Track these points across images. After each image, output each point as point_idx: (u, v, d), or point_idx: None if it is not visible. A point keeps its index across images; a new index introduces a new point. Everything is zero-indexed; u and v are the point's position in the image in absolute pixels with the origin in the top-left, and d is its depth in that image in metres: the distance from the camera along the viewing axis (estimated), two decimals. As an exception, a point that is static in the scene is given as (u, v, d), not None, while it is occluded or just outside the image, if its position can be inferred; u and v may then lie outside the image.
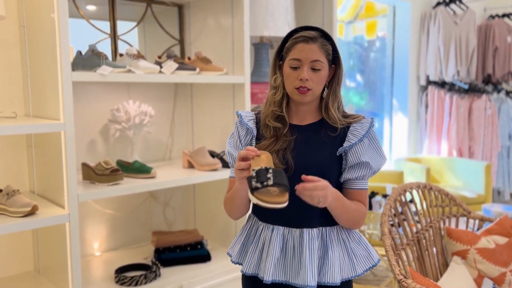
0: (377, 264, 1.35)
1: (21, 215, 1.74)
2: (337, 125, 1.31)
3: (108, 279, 2.18)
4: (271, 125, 1.32)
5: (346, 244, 1.32)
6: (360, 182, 1.31)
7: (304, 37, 1.27)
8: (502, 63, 4.83)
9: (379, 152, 1.31)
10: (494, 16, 4.95)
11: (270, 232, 1.30)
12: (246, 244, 1.37)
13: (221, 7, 2.45)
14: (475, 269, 2.04)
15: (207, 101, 2.63)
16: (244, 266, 1.34)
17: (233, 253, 1.40)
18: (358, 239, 1.35)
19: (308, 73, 1.26)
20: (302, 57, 1.26)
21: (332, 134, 1.30)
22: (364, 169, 1.28)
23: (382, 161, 1.32)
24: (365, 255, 1.34)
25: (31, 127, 1.77)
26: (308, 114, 1.34)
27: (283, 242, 1.29)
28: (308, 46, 1.26)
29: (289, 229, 1.29)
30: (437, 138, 4.71)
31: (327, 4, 2.81)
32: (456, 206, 2.31)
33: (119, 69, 2.00)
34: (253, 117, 1.38)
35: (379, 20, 4.76)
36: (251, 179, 1.09)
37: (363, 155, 1.28)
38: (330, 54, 1.29)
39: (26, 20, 2.03)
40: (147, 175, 2.16)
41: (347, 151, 1.29)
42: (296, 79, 1.27)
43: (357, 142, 1.28)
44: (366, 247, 1.35)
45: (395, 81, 4.72)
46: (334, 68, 1.33)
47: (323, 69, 1.28)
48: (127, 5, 2.57)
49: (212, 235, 2.67)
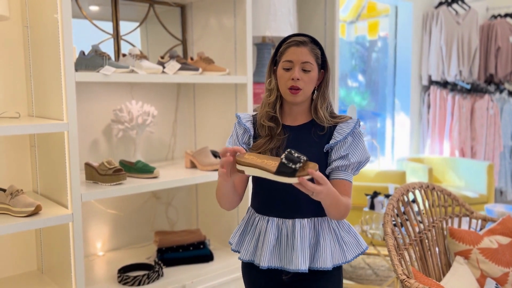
0: (365, 250, 1.48)
1: (25, 215, 1.75)
2: (324, 124, 1.44)
3: (111, 278, 2.19)
4: (266, 125, 1.45)
5: (336, 233, 1.44)
6: (341, 173, 1.41)
7: (296, 41, 1.41)
8: (505, 63, 4.83)
9: (360, 147, 1.42)
10: (496, 16, 4.95)
11: (266, 223, 1.43)
12: (244, 233, 1.50)
13: (224, 7, 2.45)
14: (478, 269, 2.04)
15: (210, 101, 2.64)
16: (242, 253, 1.47)
17: (233, 241, 1.52)
18: (348, 228, 1.47)
19: (299, 73, 1.39)
20: (293, 58, 1.40)
21: (321, 133, 1.43)
22: (343, 160, 1.40)
23: (363, 155, 1.42)
24: (354, 242, 1.46)
25: (34, 127, 1.77)
26: (299, 115, 1.47)
27: (278, 231, 1.41)
28: (299, 49, 1.40)
29: (282, 220, 1.41)
30: (439, 138, 4.71)
31: (329, 4, 2.81)
32: (459, 206, 2.31)
33: (122, 70, 2.00)
34: (251, 118, 1.52)
35: (381, 20, 4.76)
36: (286, 166, 1.19)
37: (344, 149, 1.40)
38: (319, 57, 1.43)
39: (30, 21, 2.04)
40: (150, 175, 2.17)
41: (333, 147, 1.42)
42: (289, 79, 1.40)
43: (342, 139, 1.40)
44: (355, 236, 1.48)
45: (397, 81, 4.72)
46: (323, 73, 1.46)
47: (313, 71, 1.41)
48: (130, 5, 2.57)
49: (214, 235, 2.67)
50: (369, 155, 1.45)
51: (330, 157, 1.42)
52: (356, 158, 1.41)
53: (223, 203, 1.47)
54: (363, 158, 1.43)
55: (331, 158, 1.42)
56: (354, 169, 1.42)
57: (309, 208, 1.40)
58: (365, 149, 1.44)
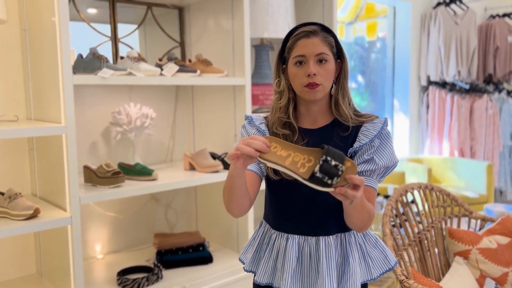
0: (394, 267, 1.30)
1: (23, 218, 1.75)
2: (348, 123, 1.25)
3: (110, 281, 2.18)
4: (280, 133, 1.25)
5: (362, 248, 1.28)
6: (366, 178, 1.22)
7: (305, 32, 1.22)
8: (503, 63, 4.83)
9: (388, 151, 1.24)
10: (494, 16, 4.95)
11: (285, 241, 1.25)
12: (259, 252, 1.32)
13: (221, 9, 2.45)
14: (477, 269, 2.04)
15: (208, 103, 2.64)
16: (258, 275, 1.29)
17: (245, 260, 1.35)
18: (375, 242, 1.31)
19: (315, 67, 1.20)
20: (306, 52, 1.20)
21: (344, 134, 1.24)
22: (369, 164, 1.21)
23: (391, 160, 1.23)
24: (382, 258, 1.30)
25: (32, 130, 1.77)
26: (319, 115, 1.28)
27: (299, 251, 1.24)
28: (310, 40, 1.21)
29: (304, 237, 1.24)
30: (439, 138, 4.71)
31: (327, 5, 2.81)
32: (458, 206, 2.31)
33: (120, 72, 2.00)
34: (264, 121, 1.33)
35: (380, 20, 4.76)
36: (320, 180, 0.99)
37: (370, 152, 1.22)
38: (333, 46, 1.24)
39: (28, 24, 2.04)
40: (149, 177, 2.17)
41: (357, 151, 1.23)
42: (304, 76, 1.21)
43: (368, 142, 1.22)
44: (383, 250, 1.31)
45: (396, 81, 4.72)
46: (340, 63, 1.28)
47: (330, 62, 1.22)
48: (128, 8, 2.58)
49: (214, 237, 2.67)
50: (397, 159, 1.26)
51: (354, 160, 1.23)
52: (383, 163, 1.22)
53: (233, 206, 1.22)
54: (391, 162, 1.24)
55: (355, 162, 1.23)
56: (380, 175, 1.24)
57: (335, 223, 1.23)
58: (393, 153, 1.25)
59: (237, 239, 2.52)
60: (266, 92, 2.64)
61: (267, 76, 2.72)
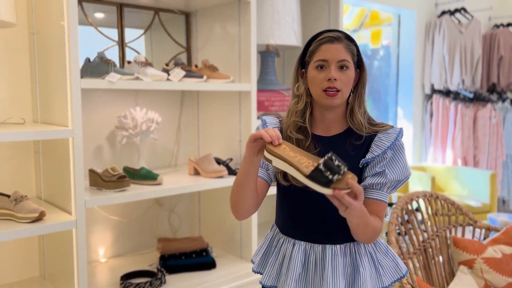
0: (405, 275, 1.29)
1: (29, 221, 1.75)
2: (362, 132, 1.24)
3: (113, 285, 2.18)
4: (293, 137, 1.26)
5: (373, 256, 1.27)
6: (375, 192, 1.22)
7: (329, 37, 1.23)
8: (507, 72, 4.84)
9: (401, 163, 1.23)
10: (499, 25, 4.96)
11: (292, 247, 1.27)
12: (267, 254, 1.35)
13: (228, 15, 2.47)
14: (482, 279, 2.03)
15: (214, 109, 2.64)
16: (264, 277, 1.31)
17: (255, 261, 1.38)
18: (385, 250, 1.31)
19: (336, 72, 1.21)
20: (328, 57, 1.21)
21: (357, 143, 1.24)
22: (380, 177, 1.20)
23: (402, 173, 1.22)
24: (393, 266, 1.29)
25: (39, 133, 1.78)
26: (334, 123, 1.28)
27: (305, 257, 1.25)
28: (334, 46, 1.22)
29: (311, 244, 1.25)
30: (442, 147, 4.71)
31: (333, 13, 2.83)
32: (462, 215, 2.31)
33: (127, 77, 2.01)
34: (278, 124, 1.34)
35: (384, 28, 4.77)
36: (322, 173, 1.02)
37: (382, 165, 1.21)
38: (355, 55, 1.26)
39: (36, 27, 2.05)
40: (154, 181, 2.17)
41: (369, 162, 1.23)
42: (324, 80, 1.21)
43: (380, 154, 1.21)
44: (393, 259, 1.31)
45: (399, 89, 4.73)
46: (359, 73, 1.29)
47: (350, 69, 1.23)
48: (135, 12, 2.59)
49: (217, 243, 2.67)
50: (410, 172, 1.24)
51: (365, 172, 1.23)
52: (395, 176, 1.21)
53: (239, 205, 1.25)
54: (403, 176, 1.22)
55: (366, 174, 1.22)
56: (390, 187, 1.22)
57: (342, 232, 1.22)
58: (406, 165, 1.23)
59: (241, 245, 2.51)
60: (271, 98, 2.65)
61: (273, 82, 2.73)
